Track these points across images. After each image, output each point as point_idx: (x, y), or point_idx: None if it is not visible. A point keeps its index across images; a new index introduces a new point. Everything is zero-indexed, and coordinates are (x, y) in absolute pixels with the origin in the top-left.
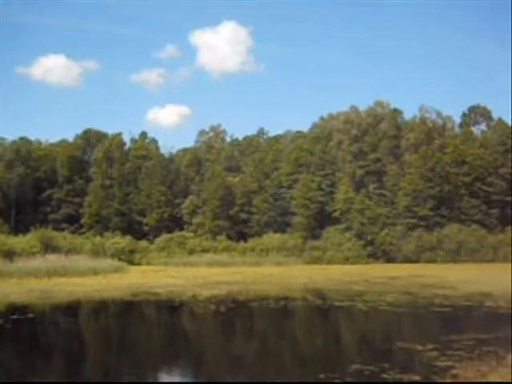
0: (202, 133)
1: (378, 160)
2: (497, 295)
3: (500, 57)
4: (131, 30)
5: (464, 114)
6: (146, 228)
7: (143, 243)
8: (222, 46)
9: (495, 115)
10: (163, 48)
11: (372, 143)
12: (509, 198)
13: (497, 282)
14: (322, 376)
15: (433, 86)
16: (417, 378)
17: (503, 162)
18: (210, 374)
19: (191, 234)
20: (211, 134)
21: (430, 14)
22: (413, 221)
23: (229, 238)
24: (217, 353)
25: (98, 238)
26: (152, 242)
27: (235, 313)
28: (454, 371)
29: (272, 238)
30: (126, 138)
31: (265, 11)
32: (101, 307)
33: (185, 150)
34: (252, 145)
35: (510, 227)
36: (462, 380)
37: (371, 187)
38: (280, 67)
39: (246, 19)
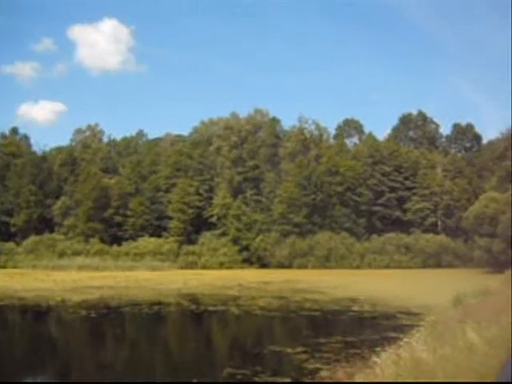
0: (78, 131)
1: (257, 167)
2: (362, 300)
3: (373, 74)
4: (3, 17)
5: (339, 127)
6: (13, 229)
7: (9, 245)
8: (102, 43)
9: (366, 129)
10: (39, 40)
11: (251, 150)
12: (375, 208)
13: (363, 288)
14: (194, 381)
15: (312, 96)
16: (287, 380)
17: (372, 174)
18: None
19: (62, 237)
20: (88, 133)
21: (311, 25)
22: (287, 227)
23: (102, 241)
24: (85, 360)
25: None
26: (19, 244)
27: (106, 318)
28: (323, 373)
29: (147, 242)
30: None
31: (147, 11)
32: None
33: (59, 149)
34: (130, 146)
35: (375, 236)
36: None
37: (248, 193)
38: (162, 69)
39: (128, 18)
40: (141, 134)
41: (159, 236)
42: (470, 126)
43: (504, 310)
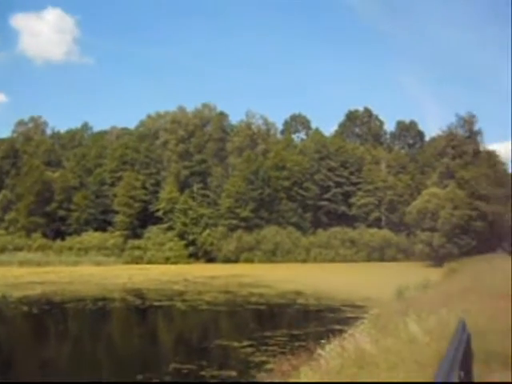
0: (20, 123)
1: (204, 161)
2: (308, 293)
3: (321, 71)
4: None
5: (286, 122)
6: None
7: None
8: (46, 32)
9: (313, 125)
10: None
11: (198, 144)
12: (321, 203)
13: (308, 281)
14: (139, 377)
15: (259, 92)
16: (234, 373)
17: (318, 169)
18: (18, 379)
19: (3, 231)
20: (30, 125)
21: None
22: (234, 222)
23: (45, 235)
24: (26, 357)
25: None
26: None
27: (49, 314)
28: (269, 366)
29: (91, 237)
30: None
31: (92, 2)
32: None
33: (0, 141)
34: (75, 139)
35: (321, 230)
36: (276, 373)
37: (195, 188)
38: (107, 61)
39: (73, 8)
40: (86, 126)
41: (104, 230)
42: (413, 123)
43: (443, 302)
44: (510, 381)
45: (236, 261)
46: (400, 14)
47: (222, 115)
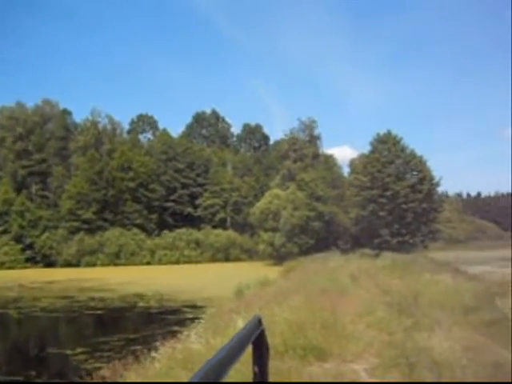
0: None
1: (44, 161)
2: (150, 296)
3: (170, 71)
4: None
5: (133, 122)
6: None
7: None
8: None
9: (161, 125)
10: None
11: (38, 143)
12: (167, 204)
13: (151, 284)
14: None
15: (106, 91)
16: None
17: (165, 170)
18: None
19: None
20: None
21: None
22: (75, 224)
23: None
24: None
25: None
26: None
27: None
28: (102, 372)
29: None
30: None
31: None
32: None
33: None
34: None
35: (166, 231)
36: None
37: (34, 188)
38: None
39: None
40: None
41: None
42: (258, 127)
43: (275, 299)
44: (322, 372)
45: (77, 265)
46: (249, 21)
47: (65, 113)
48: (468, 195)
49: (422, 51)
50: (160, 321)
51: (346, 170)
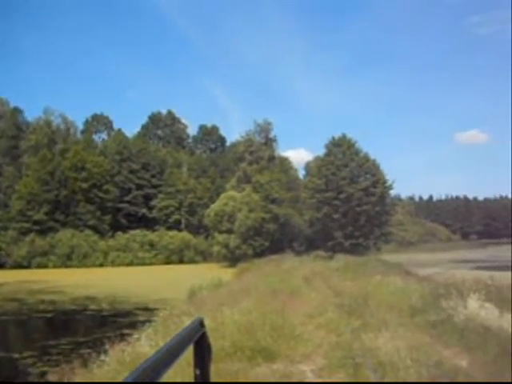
0: None
1: None
2: (101, 298)
3: (126, 71)
4: None
5: (87, 121)
6: None
7: None
8: None
9: (116, 126)
10: None
11: None
12: (121, 205)
13: (104, 286)
14: None
15: (59, 90)
16: None
17: (119, 171)
18: None
19: None
20: None
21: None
22: (26, 225)
23: None
24: None
25: None
26: None
27: None
28: (50, 376)
29: None
30: None
31: None
32: None
33: None
34: None
35: (120, 233)
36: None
37: None
38: None
39: None
40: None
41: None
42: (215, 128)
43: (226, 301)
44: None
45: (28, 266)
46: (207, 23)
47: (16, 111)
48: (420, 198)
49: (379, 57)
50: (111, 323)
51: (301, 173)
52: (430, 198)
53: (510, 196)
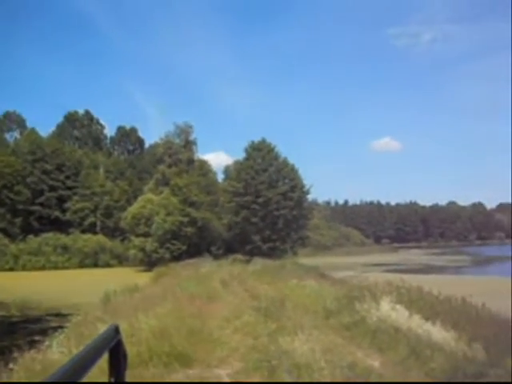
0: None
1: None
2: (10, 303)
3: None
4: None
5: None
6: None
7: None
8: None
9: (29, 124)
10: None
11: None
12: (33, 208)
13: (14, 291)
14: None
15: None
16: None
17: (31, 171)
18: None
19: None
20: None
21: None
22: None
23: None
24: None
25: None
26: None
27: None
28: None
29: None
30: None
31: None
32: None
33: None
34: None
35: (32, 236)
36: None
37: None
38: None
39: None
40: None
41: None
42: (133, 130)
43: (142, 306)
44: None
45: None
46: (128, 24)
47: None
48: (336, 203)
49: (304, 67)
50: (20, 330)
51: (220, 176)
52: (346, 202)
53: (418, 201)
